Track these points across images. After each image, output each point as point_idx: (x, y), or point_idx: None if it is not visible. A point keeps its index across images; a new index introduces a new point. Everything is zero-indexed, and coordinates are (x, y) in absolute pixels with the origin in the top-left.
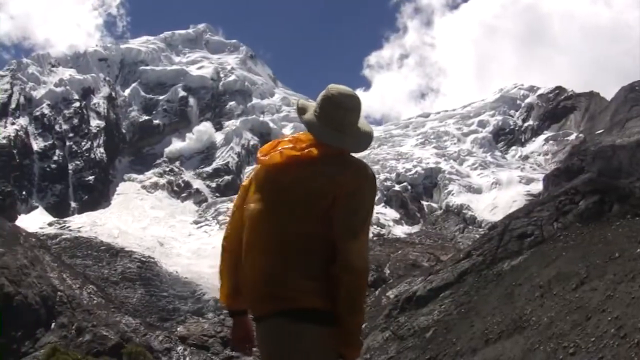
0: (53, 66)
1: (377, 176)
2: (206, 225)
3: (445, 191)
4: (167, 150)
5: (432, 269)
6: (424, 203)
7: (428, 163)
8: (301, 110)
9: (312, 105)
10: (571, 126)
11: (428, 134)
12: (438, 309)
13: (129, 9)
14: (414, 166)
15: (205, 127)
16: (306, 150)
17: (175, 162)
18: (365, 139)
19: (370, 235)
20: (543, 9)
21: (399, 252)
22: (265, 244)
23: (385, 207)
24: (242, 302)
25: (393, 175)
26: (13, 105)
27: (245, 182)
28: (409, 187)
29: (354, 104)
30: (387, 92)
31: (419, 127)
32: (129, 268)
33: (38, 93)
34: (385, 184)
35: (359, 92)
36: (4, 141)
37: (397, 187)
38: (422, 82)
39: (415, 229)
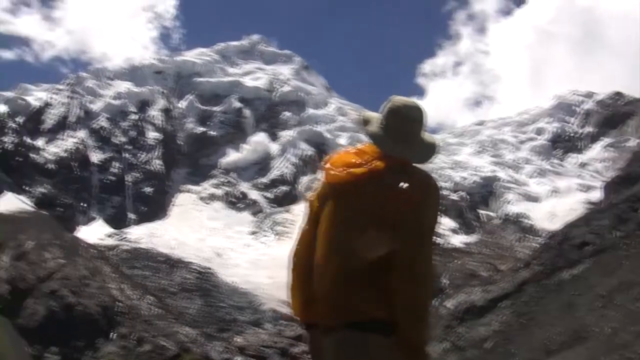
0: (110, 79)
1: None
2: (263, 236)
3: (503, 200)
4: (223, 161)
5: (490, 279)
6: (481, 212)
7: (484, 171)
8: (365, 122)
9: (375, 116)
10: (631, 132)
11: (484, 142)
12: (497, 319)
13: (183, 21)
14: (471, 175)
15: (261, 137)
16: (372, 164)
17: (232, 173)
18: (430, 150)
19: None
20: (599, 12)
21: (457, 261)
22: (336, 259)
23: (442, 217)
24: (313, 315)
25: (450, 184)
26: (72, 119)
27: (311, 197)
28: (466, 196)
29: (419, 116)
30: (441, 100)
31: (475, 135)
32: (187, 279)
33: (96, 106)
34: (441, 193)
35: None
36: (64, 154)
37: (453, 196)
38: (476, 89)
39: (472, 238)
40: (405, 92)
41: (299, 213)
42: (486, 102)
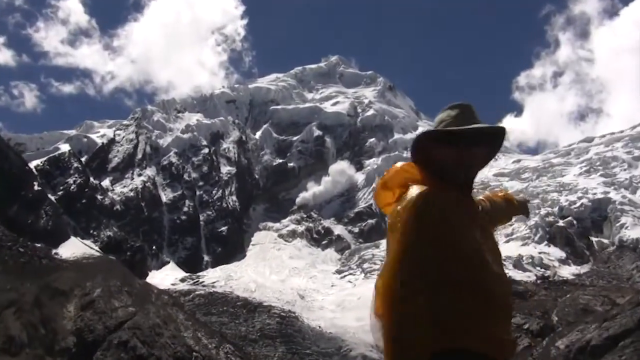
0: (179, 112)
1: (537, 211)
2: (350, 274)
3: (618, 224)
4: (304, 195)
5: (607, 314)
6: (593, 239)
7: (595, 194)
8: None
9: None
10: None
11: (593, 161)
12: None
13: (254, 43)
14: (579, 198)
15: (344, 167)
16: None
17: (313, 208)
18: None
19: (533, 278)
20: None
21: (568, 295)
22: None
23: (549, 246)
24: (498, 344)
25: (556, 209)
26: (139, 156)
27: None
28: (575, 222)
29: None
30: (541, 116)
31: (582, 154)
32: (268, 324)
33: (164, 141)
34: (547, 219)
35: (510, 118)
36: (132, 194)
37: (561, 223)
38: (581, 101)
39: (584, 268)
40: (500, 109)
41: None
42: (593, 115)
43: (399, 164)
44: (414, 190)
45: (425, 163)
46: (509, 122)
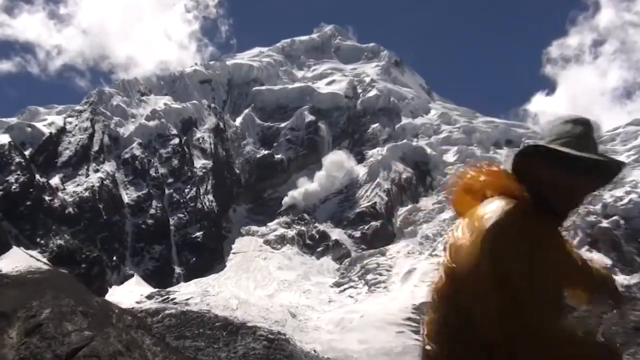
0: (143, 94)
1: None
2: (351, 287)
3: None
4: (294, 193)
5: None
6: None
7: None
8: None
9: None
10: None
11: None
12: None
13: (230, 8)
14: (627, 193)
15: (341, 158)
16: None
17: (306, 208)
18: None
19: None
20: None
21: (614, 312)
22: None
23: (591, 252)
24: None
25: (598, 207)
26: (96, 148)
27: None
28: (622, 222)
29: None
30: (578, 94)
31: (630, 139)
32: (253, 349)
33: (126, 130)
34: (588, 219)
35: (539, 97)
36: (87, 194)
37: (605, 223)
38: (627, 76)
39: (634, 279)
40: (527, 87)
41: (395, 255)
42: None
43: (485, 166)
44: (502, 206)
45: (528, 178)
46: (538, 102)
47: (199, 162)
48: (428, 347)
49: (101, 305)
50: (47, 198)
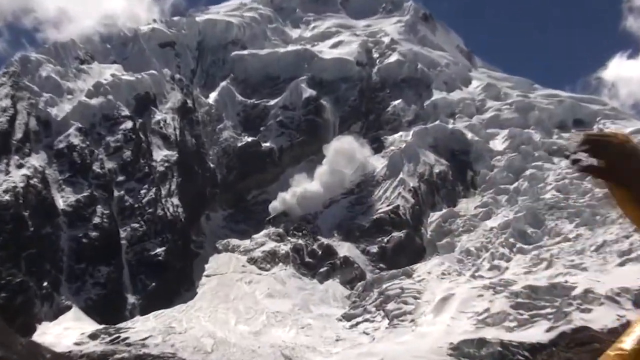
0: (82, 62)
1: None
2: (366, 320)
3: None
4: (288, 194)
5: None
6: None
7: None
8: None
9: None
10: None
11: None
12: None
13: None
14: None
15: (351, 147)
16: None
17: (304, 215)
18: None
19: None
20: None
21: None
22: None
23: None
24: None
25: None
26: (19, 135)
27: None
28: None
29: None
30: None
31: None
32: None
33: (60, 111)
34: None
35: (619, 61)
36: (8, 197)
37: None
38: None
39: None
40: (602, 47)
41: (425, 277)
42: None
43: None
44: None
45: None
46: (616, 68)
47: (160, 154)
48: None
49: (27, 349)
50: None
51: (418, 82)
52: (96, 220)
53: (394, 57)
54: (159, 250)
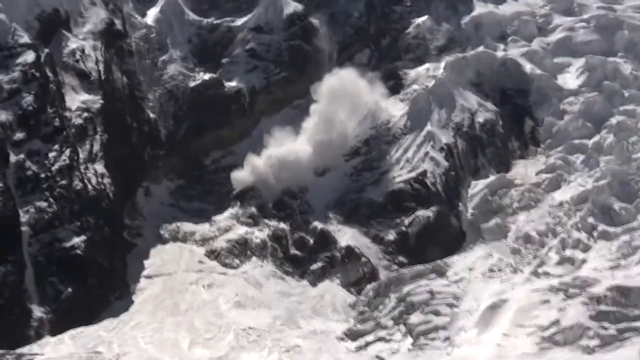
0: None
1: None
2: (380, 340)
3: None
4: (263, 157)
5: None
6: None
7: None
8: None
9: None
10: None
11: None
12: None
13: None
14: None
15: (356, 85)
16: None
17: (289, 186)
18: None
19: None
20: None
21: None
22: None
23: None
24: None
25: None
26: None
27: None
28: None
29: None
30: None
31: None
32: None
33: None
34: None
35: None
36: None
37: None
38: None
39: None
40: None
41: (465, 275)
42: None
43: None
44: None
45: None
46: None
47: (76, 99)
48: None
49: None
50: None
51: None
52: None
53: None
54: (76, 240)
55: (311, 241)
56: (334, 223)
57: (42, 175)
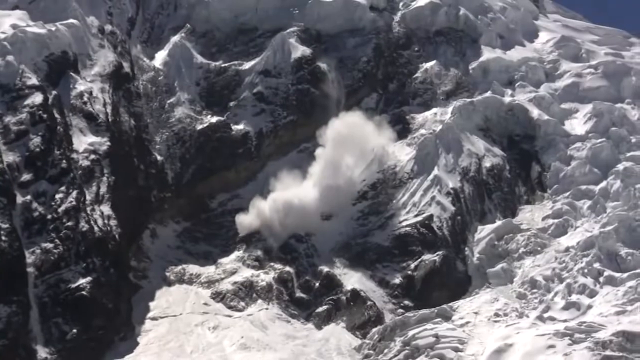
0: None
1: None
2: None
3: None
4: (269, 201)
5: None
6: None
7: None
8: None
9: None
10: None
11: None
12: None
13: None
14: None
15: (363, 129)
16: None
17: (295, 230)
18: None
19: None
20: None
21: None
22: None
23: None
24: None
25: None
26: None
27: None
28: None
29: None
30: None
31: None
32: None
33: None
34: None
35: None
36: None
37: None
38: None
39: None
40: None
41: (470, 319)
42: None
43: None
44: None
45: None
46: None
47: (84, 141)
48: None
49: None
50: None
51: (461, 35)
52: None
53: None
54: (82, 281)
55: (317, 284)
56: (339, 266)
57: (49, 217)
